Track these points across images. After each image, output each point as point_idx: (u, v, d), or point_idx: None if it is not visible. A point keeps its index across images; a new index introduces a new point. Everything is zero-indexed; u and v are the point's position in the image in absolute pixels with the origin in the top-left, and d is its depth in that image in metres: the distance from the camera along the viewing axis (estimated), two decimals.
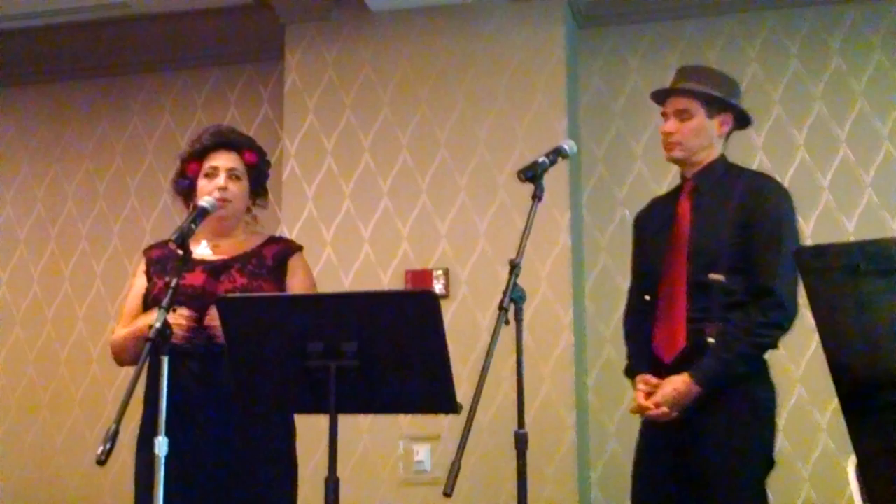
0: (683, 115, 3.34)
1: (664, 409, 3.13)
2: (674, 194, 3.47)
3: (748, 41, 4.90)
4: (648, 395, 3.19)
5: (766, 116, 4.80)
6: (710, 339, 3.15)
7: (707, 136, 3.34)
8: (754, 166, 4.72)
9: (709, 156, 3.37)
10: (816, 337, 1.74)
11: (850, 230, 4.62)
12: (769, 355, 4.49)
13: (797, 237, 3.30)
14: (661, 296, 3.25)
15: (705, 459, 3.12)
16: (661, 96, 3.45)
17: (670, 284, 3.24)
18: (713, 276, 3.17)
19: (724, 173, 3.37)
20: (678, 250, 3.26)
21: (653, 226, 3.45)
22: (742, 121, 3.46)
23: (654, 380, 3.19)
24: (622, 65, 5.01)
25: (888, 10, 4.78)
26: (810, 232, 4.66)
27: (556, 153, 3.12)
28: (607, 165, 4.91)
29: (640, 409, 3.21)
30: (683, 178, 3.43)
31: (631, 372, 3.36)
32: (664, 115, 3.41)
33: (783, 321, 3.19)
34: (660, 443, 3.23)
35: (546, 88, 4.72)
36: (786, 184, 4.64)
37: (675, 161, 3.42)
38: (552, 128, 4.65)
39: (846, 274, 1.56)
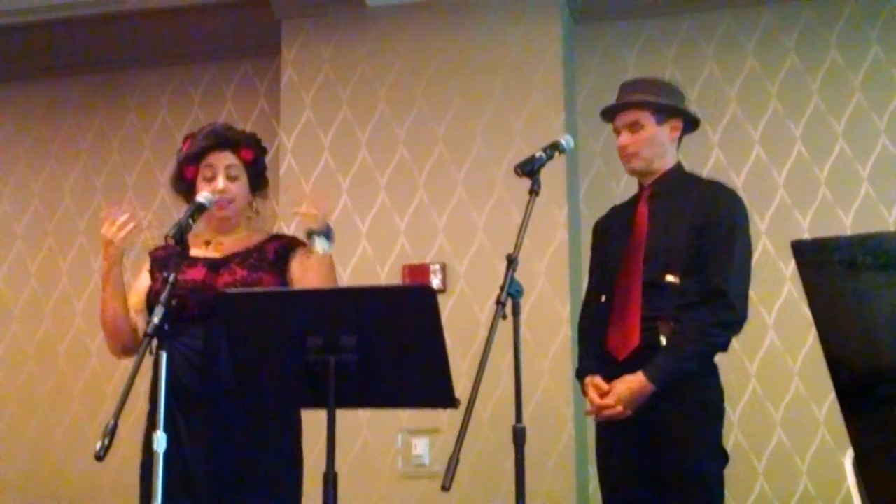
0: (635, 126, 3.42)
1: (619, 408, 3.18)
2: (633, 201, 3.53)
3: (745, 36, 4.90)
4: (601, 396, 3.25)
5: (762, 111, 4.80)
6: (663, 339, 3.21)
7: (661, 144, 3.43)
8: (751, 161, 4.75)
9: (665, 163, 3.46)
10: (814, 331, 1.75)
11: (846, 224, 4.62)
12: (765, 351, 4.55)
13: (749, 243, 3.39)
14: (617, 296, 3.31)
15: (663, 457, 3.18)
16: (609, 113, 3.52)
17: (625, 285, 3.30)
18: (669, 278, 3.25)
19: (680, 180, 3.47)
20: (635, 252, 3.33)
21: (612, 231, 3.52)
22: (692, 124, 3.56)
23: (603, 384, 3.24)
24: (619, 60, 5.01)
25: (885, 4, 4.78)
26: (807, 226, 4.66)
27: (553, 148, 3.15)
28: (605, 160, 4.91)
29: (596, 410, 3.24)
30: (641, 186, 3.51)
31: (581, 374, 3.40)
32: (616, 130, 3.48)
33: (733, 322, 3.26)
34: (619, 445, 3.27)
35: (543, 84, 4.72)
36: (782, 178, 4.71)
37: (635, 172, 3.49)
38: (549, 123, 4.65)
39: (845, 267, 1.56)
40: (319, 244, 3.15)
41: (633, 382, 3.16)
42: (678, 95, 3.53)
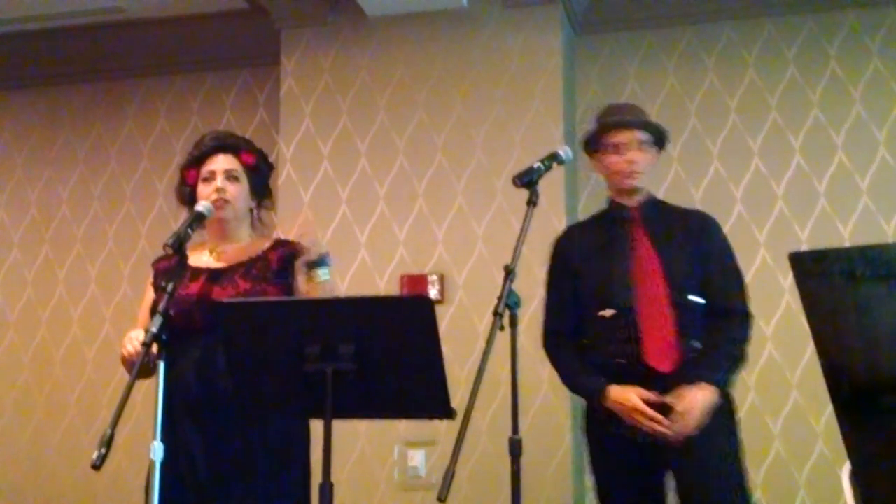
0: (644, 145, 3.44)
1: (693, 424, 3.16)
2: (612, 222, 3.50)
3: (746, 47, 4.90)
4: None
5: (762, 122, 4.80)
6: (692, 354, 3.25)
7: (652, 169, 3.51)
8: (750, 172, 4.75)
9: (648, 187, 3.53)
10: (812, 343, 1.73)
11: (845, 236, 4.62)
12: (763, 363, 4.54)
13: None
14: (645, 312, 3.29)
15: (701, 467, 3.17)
16: (621, 126, 3.46)
17: (651, 303, 3.30)
18: (693, 298, 3.31)
19: (661, 207, 3.55)
20: (650, 273, 3.34)
21: (591, 249, 3.47)
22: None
23: (651, 396, 3.19)
24: (620, 70, 5.01)
25: (886, 17, 4.79)
26: (806, 237, 4.66)
27: (552, 159, 3.15)
28: None
29: (675, 429, 3.18)
30: (619, 205, 3.49)
31: (595, 387, 3.29)
32: (618, 145, 3.43)
33: (750, 338, 3.39)
34: (637, 459, 3.24)
35: (543, 94, 4.72)
36: (781, 190, 4.72)
37: (629, 190, 3.47)
38: (550, 133, 4.65)
39: (844, 279, 1.55)
40: (321, 274, 3.17)
41: (706, 400, 3.16)
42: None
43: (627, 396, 3.18)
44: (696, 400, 3.13)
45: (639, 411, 3.15)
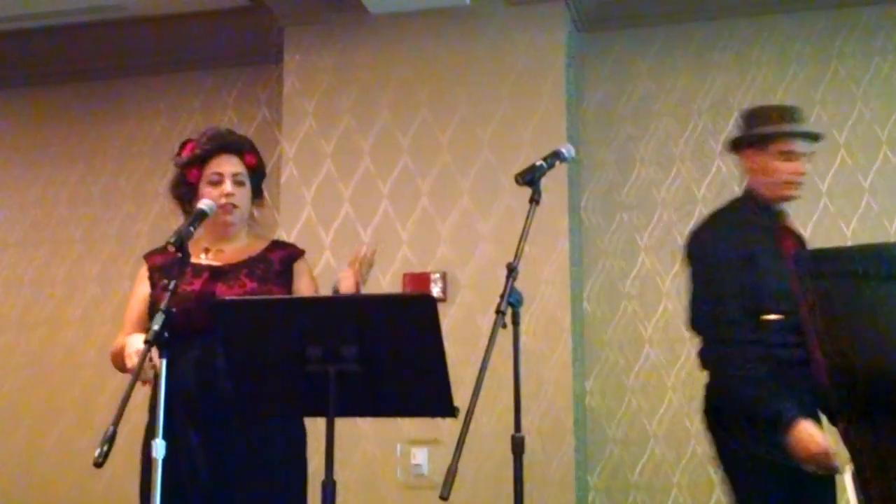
0: (810, 158, 3.40)
1: None
2: (765, 223, 3.39)
3: (758, 45, 4.87)
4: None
5: None
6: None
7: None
8: None
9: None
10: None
11: (847, 235, 4.61)
12: None
13: None
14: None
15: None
16: (806, 137, 3.37)
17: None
18: None
19: None
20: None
21: (759, 249, 3.30)
22: None
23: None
24: (633, 68, 4.99)
25: (890, 17, 4.77)
26: (808, 237, 4.63)
27: (554, 157, 3.13)
28: (617, 169, 4.89)
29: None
30: (772, 209, 3.41)
31: (793, 413, 3.08)
32: (790, 154, 3.34)
33: None
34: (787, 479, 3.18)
35: (550, 92, 4.71)
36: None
37: (787, 200, 3.42)
38: (558, 131, 4.63)
39: (848, 278, 1.55)
40: None
41: None
42: None
43: (818, 438, 3.08)
44: None
45: (828, 455, 3.07)
